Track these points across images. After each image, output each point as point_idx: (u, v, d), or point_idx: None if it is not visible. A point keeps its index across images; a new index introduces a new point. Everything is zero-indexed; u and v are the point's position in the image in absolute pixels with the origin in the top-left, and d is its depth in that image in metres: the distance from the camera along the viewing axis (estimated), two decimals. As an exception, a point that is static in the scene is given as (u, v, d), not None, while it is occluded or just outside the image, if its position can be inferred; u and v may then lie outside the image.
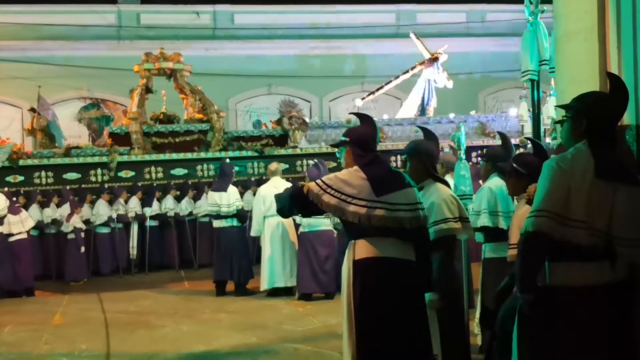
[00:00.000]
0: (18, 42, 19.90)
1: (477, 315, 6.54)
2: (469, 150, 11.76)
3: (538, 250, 3.53)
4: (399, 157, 12.76)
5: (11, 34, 19.97)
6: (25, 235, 11.98)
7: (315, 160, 10.90)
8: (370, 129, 4.59)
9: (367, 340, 4.21)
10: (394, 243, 4.28)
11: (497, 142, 13.41)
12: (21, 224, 11.95)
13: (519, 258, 3.62)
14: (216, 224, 11.27)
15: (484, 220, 6.04)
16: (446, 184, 5.30)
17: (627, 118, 4.75)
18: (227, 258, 10.98)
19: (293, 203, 4.48)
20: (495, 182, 6.07)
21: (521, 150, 11.95)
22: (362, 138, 4.52)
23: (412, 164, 5.17)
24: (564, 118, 3.75)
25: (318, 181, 4.39)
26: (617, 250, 3.46)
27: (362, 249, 4.28)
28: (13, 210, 11.91)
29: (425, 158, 5.18)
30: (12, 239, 11.80)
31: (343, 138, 4.56)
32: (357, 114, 4.77)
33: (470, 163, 11.59)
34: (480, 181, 6.65)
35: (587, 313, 3.48)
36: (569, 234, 3.44)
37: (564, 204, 3.46)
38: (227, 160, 12.10)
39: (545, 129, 11.63)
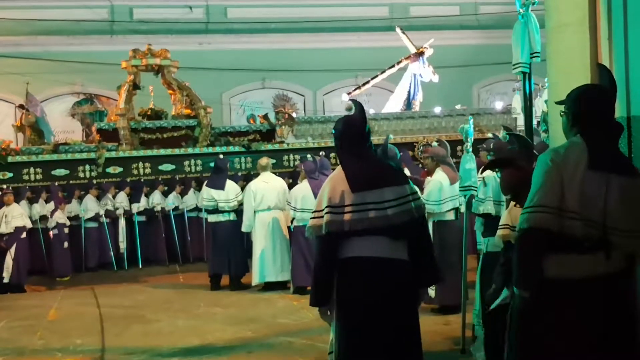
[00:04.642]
0: (11, 37, 19.80)
1: (475, 308, 6.58)
2: (455, 143, 11.76)
3: (536, 246, 3.50)
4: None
5: (4, 29, 19.87)
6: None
7: (309, 155, 10.91)
8: (354, 121, 4.28)
9: (347, 339, 4.10)
10: (381, 241, 4.06)
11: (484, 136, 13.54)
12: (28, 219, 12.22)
13: (517, 254, 3.60)
14: (211, 218, 11.26)
15: (487, 207, 6.06)
16: None
17: (619, 110, 4.76)
18: (223, 252, 10.99)
19: (328, 248, 4.13)
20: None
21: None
22: (342, 132, 4.25)
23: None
24: (561, 113, 3.76)
25: (313, 215, 4.20)
26: (613, 241, 3.44)
27: (347, 248, 4.09)
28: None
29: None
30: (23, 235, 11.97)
31: (333, 131, 4.33)
32: (353, 101, 4.47)
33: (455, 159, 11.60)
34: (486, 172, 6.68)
35: (583, 305, 3.46)
36: (565, 225, 3.44)
37: (559, 197, 3.45)
38: (221, 156, 12.09)
39: (537, 121, 11.65)
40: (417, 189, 4.36)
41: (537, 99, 14.06)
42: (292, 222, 10.41)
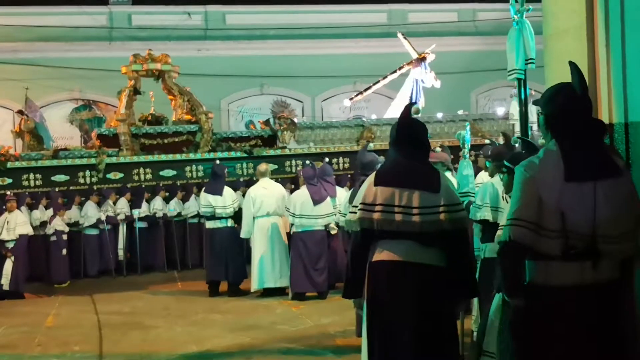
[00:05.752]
0: (9, 43, 19.85)
1: (473, 315, 6.57)
2: (458, 149, 11.75)
3: (516, 259, 3.47)
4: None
5: (2, 36, 19.91)
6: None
7: (308, 161, 10.91)
8: (393, 127, 4.41)
9: (375, 339, 4.17)
10: (411, 245, 4.10)
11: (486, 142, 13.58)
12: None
13: (501, 266, 3.59)
14: (209, 224, 11.24)
15: (484, 214, 6.05)
16: None
17: (616, 116, 4.76)
18: (221, 258, 10.97)
19: (360, 244, 4.27)
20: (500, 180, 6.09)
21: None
22: (391, 137, 4.42)
23: None
24: (538, 113, 3.72)
25: (351, 209, 4.35)
26: (603, 250, 3.34)
27: (378, 249, 4.19)
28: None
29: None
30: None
31: None
32: (411, 104, 4.62)
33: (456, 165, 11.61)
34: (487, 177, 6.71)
35: (571, 313, 3.39)
36: (541, 243, 3.38)
37: (537, 212, 3.37)
38: (218, 162, 12.10)
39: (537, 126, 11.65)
40: (459, 199, 4.33)
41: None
42: (291, 227, 10.41)
